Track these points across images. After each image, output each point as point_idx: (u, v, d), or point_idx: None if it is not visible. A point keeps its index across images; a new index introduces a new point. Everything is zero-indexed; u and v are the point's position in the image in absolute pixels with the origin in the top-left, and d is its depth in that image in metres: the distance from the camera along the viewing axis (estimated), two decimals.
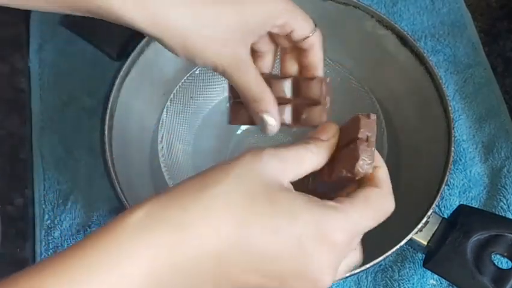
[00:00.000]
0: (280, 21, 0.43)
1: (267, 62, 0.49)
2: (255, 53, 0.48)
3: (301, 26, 0.45)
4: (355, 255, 0.37)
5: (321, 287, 0.34)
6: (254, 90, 0.44)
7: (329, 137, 0.38)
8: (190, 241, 0.31)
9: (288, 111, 0.48)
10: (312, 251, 0.33)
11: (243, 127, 0.66)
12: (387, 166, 0.59)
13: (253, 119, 0.46)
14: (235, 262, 0.32)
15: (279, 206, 0.33)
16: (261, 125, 0.45)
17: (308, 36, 0.45)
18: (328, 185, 0.38)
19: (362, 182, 0.37)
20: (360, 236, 0.36)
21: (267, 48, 0.48)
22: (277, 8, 0.43)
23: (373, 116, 0.38)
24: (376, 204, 0.36)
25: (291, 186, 0.35)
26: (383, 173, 0.38)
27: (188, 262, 0.31)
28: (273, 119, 0.45)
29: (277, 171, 0.34)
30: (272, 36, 0.47)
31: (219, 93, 0.67)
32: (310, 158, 0.36)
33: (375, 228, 0.60)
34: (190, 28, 0.41)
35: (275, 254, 0.32)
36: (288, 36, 0.46)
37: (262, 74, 0.46)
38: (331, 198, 0.35)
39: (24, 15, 0.74)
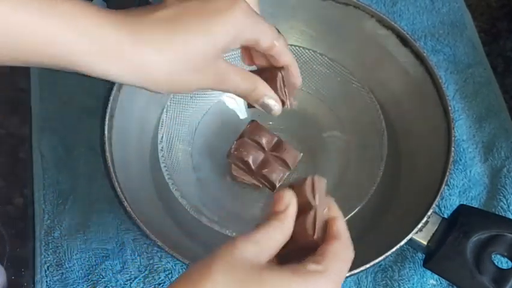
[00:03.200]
0: (246, 35, 0.44)
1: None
2: None
3: (266, 36, 0.45)
4: None
5: None
6: (245, 86, 0.46)
7: (287, 206, 0.39)
8: None
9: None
10: None
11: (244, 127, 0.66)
12: (387, 166, 0.60)
13: (258, 107, 0.49)
14: None
15: (268, 285, 0.35)
16: (266, 109, 0.48)
17: (274, 45, 0.46)
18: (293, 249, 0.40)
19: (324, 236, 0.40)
20: None
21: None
22: (243, 25, 0.43)
23: (317, 179, 0.41)
24: (344, 257, 0.39)
25: (271, 264, 0.37)
26: (341, 224, 0.40)
27: None
28: (273, 99, 0.48)
29: (254, 254, 0.36)
30: None
31: (219, 94, 0.67)
32: (278, 234, 0.38)
33: (376, 227, 0.60)
34: (168, 70, 0.41)
35: None
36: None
37: None
38: (301, 256, 0.38)
39: None
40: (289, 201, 0.39)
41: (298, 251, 0.39)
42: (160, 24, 0.40)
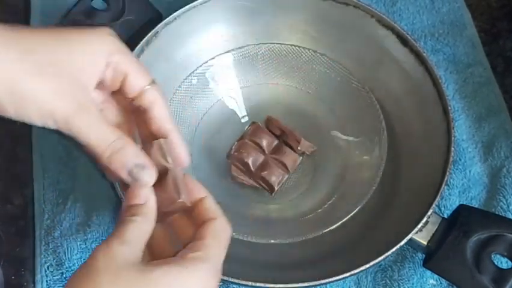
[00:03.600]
0: (110, 59, 0.40)
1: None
2: None
3: (136, 73, 0.41)
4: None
5: None
6: (107, 136, 0.39)
7: (145, 199, 0.39)
8: None
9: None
10: None
11: (245, 127, 0.66)
12: (387, 166, 0.60)
13: (124, 178, 0.39)
14: None
15: (156, 283, 0.35)
16: (136, 179, 0.39)
17: (145, 88, 0.41)
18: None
19: (199, 217, 0.40)
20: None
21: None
22: (112, 45, 0.40)
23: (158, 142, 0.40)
24: (222, 235, 0.39)
25: (148, 261, 0.37)
26: (211, 202, 0.40)
27: None
28: (146, 169, 0.39)
29: (131, 254, 0.36)
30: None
31: (218, 93, 0.67)
32: (146, 226, 0.38)
33: (376, 227, 0.60)
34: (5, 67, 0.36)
35: None
36: (123, 93, 0.42)
37: None
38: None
39: (24, 15, 0.74)
40: (148, 194, 0.39)
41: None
42: (31, 31, 0.39)
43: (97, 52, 0.39)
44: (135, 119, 0.43)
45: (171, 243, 0.42)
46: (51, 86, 0.37)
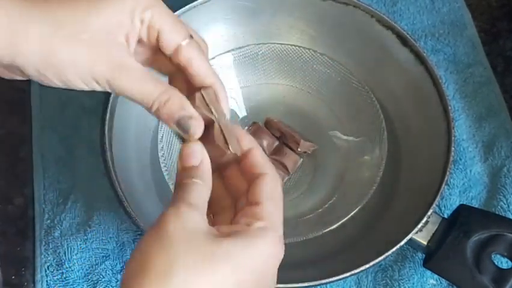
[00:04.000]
0: (143, 15, 0.39)
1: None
2: None
3: (170, 29, 0.39)
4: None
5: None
6: (154, 90, 0.38)
7: (201, 160, 0.38)
8: None
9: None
10: (266, 274, 0.36)
11: (245, 127, 0.66)
12: (387, 166, 0.60)
13: (172, 127, 0.39)
14: None
15: (228, 255, 0.34)
16: (182, 130, 0.39)
17: (181, 45, 0.40)
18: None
19: (248, 170, 0.39)
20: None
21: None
22: (141, 4, 0.39)
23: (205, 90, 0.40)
24: (276, 194, 0.38)
25: (216, 230, 0.36)
26: (260, 154, 0.39)
27: None
28: (193, 119, 0.39)
29: (199, 221, 0.35)
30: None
31: None
32: (206, 191, 0.38)
33: (376, 227, 0.60)
34: (38, 37, 0.37)
35: None
36: (161, 50, 0.40)
37: None
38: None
39: None
40: (202, 155, 0.38)
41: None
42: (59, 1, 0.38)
43: (128, 11, 0.38)
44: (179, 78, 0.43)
45: (226, 196, 0.41)
46: (87, 52, 0.37)
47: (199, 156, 0.38)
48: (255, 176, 0.39)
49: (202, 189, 0.37)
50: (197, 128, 0.38)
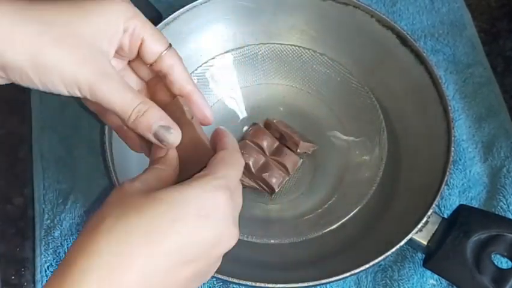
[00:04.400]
0: (126, 24, 0.40)
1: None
2: None
3: (152, 38, 0.41)
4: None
5: (233, 243, 0.38)
6: (132, 102, 0.40)
7: (167, 151, 0.41)
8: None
9: None
10: (212, 218, 0.36)
11: (244, 127, 0.66)
12: (387, 166, 0.60)
13: (150, 138, 0.41)
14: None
15: (160, 203, 0.35)
16: (160, 140, 0.40)
17: (163, 54, 0.42)
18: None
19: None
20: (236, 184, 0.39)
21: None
22: (127, 12, 0.40)
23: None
24: (232, 161, 0.39)
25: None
26: (228, 136, 0.42)
27: None
28: (170, 129, 0.40)
29: (143, 186, 0.37)
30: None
31: (218, 93, 0.67)
32: (164, 172, 0.39)
33: (376, 227, 0.60)
34: (29, 41, 0.38)
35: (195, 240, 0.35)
36: (142, 58, 0.43)
37: None
38: None
39: None
40: (169, 148, 0.40)
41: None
42: (48, 4, 0.39)
43: (114, 19, 0.40)
44: (152, 87, 0.45)
45: None
46: (72, 56, 0.38)
47: (166, 149, 0.41)
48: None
49: (159, 171, 0.39)
50: (175, 138, 0.40)
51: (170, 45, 0.43)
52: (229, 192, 0.37)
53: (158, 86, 0.44)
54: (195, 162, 0.40)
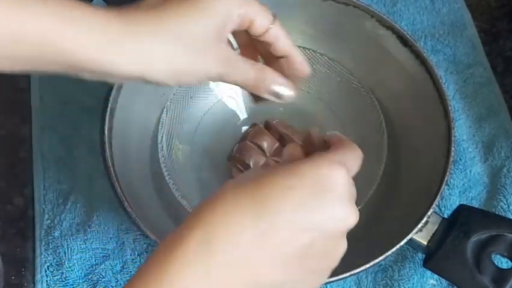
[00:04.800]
0: (240, 11, 0.43)
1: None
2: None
3: (260, 16, 0.44)
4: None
5: (352, 222, 0.39)
6: (254, 73, 0.45)
7: None
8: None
9: None
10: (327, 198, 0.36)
11: (244, 127, 0.66)
12: (387, 166, 0.60)
13: (267, 97, 0.46)
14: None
15: (277, 175, 0.36)
16: (276, 97, 0.46)
17: (269, 28, 0.45)
18: None
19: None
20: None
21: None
22: (234, 3, 0.43)
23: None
24: (355, 148, 0.41)
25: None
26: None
27: None
28: (284, 85, 0.46)
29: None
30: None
31: (218, 93, 0.67)
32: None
33: (376, 227, 0.60)
34: (166, 56, 0.41)
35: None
36: (249, 33, 0.46)
37: None
38: None
39: None
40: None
41: None
42: (150, 13, 0.41)
43: (229, 10, 0.43)
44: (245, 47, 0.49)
45: None
46: (202, 61, 0.42)
47: None
48: None
49: None
50: (291, 93, 0.46)
51: (275, 16, 0.46)
52: (345, 169, 0.37)
53: (250, 47, 0.48)
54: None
